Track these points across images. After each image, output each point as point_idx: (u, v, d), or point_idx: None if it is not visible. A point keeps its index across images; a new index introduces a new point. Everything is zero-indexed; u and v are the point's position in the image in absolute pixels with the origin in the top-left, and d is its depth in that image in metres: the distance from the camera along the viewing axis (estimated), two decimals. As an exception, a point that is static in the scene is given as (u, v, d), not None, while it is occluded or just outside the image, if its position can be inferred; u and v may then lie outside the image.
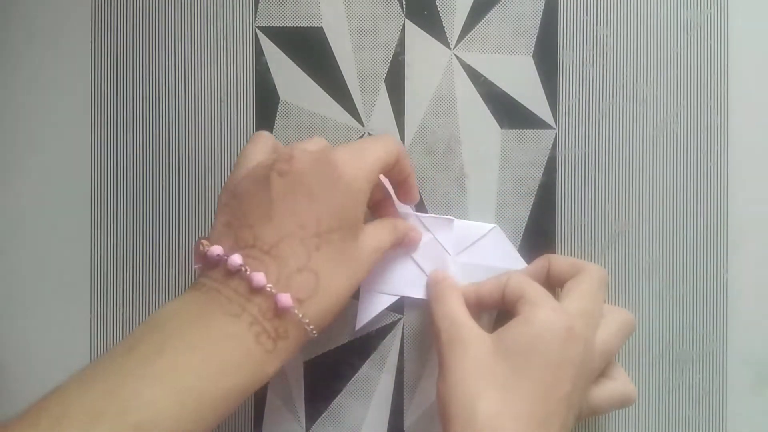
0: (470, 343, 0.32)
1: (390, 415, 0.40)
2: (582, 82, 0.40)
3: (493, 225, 0.39)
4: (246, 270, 0.28)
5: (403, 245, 0.37)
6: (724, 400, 0.40)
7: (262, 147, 0.33)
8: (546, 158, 0.40)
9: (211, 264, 0.29)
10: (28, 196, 0.40)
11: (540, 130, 0.40)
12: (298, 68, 0.40)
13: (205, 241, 0.30)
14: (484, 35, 0.40)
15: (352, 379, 0.40)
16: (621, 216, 0.40)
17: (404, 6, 0.40)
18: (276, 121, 0.40)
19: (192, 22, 0.40)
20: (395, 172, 0.34)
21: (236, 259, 0.28)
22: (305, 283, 0.29)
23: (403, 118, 0.40)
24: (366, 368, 0.40)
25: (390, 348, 0.40)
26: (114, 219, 0.40)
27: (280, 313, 0.28)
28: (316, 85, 0.40)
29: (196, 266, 0.30)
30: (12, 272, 0.40)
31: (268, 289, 0.28)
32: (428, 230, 0.39)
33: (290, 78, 0.40)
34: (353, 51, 0.40)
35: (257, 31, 0.40)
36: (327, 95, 0.40)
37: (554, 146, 0.40)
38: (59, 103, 0.40)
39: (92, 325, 0.40)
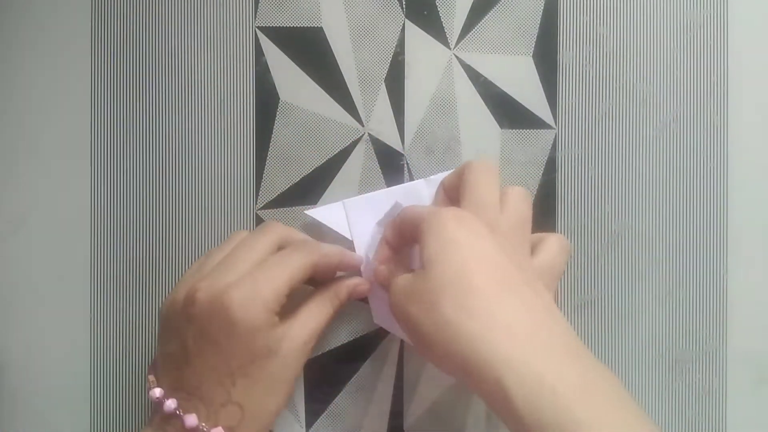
0: (395, 290, 0.32)
1: (390, 415, 0.40)
2: (582, 82, 0.40)
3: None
4: (179, 413, 0.32)
5: (351, 300, 0.37)
6: (724, 400, 0.40)
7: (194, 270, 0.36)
8: (546, 158, 0.40)
9: (155, 403, 0.33)
10: (28, 196, 0.40)
11: (540, 130, 0.40)
12: (298, 68, 0.40)
13: (151, 378, 0.34)
14: (484, 35, 0.40)
15: (352, 379, 0.40)
16: (621, 216, 0.40)
17: (404, 6, 0.40)
18: (276, 121, 0.40)
19: (192, 22, 0.40)
20: (321, 273, 0.36)
21: (170, 404, 0.32)
22: (231, 415, 0.32)
23: (403, 118, 0.40)
24: (366, 368, 0.40)
25: (390, 348, 0.40)
26: (114, 219, 0.40)
27: None
28: (316, 85, 0.40)
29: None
30: (12, 271, 0.40)
31: (201, 428, 0.32)
32: (404, 202, 0.37)
33: (290, 78, 0.40)
34: (353, 51, 0.40)
35: (257, 31, 0.40)
36: (327, 95, 0.40)
37: (554, 146, 0.40)
38: (59, 103, 0.40)
39: (92, 325, 0.40)
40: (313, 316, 0.35)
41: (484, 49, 0.40)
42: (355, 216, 0.39)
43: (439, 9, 0.40)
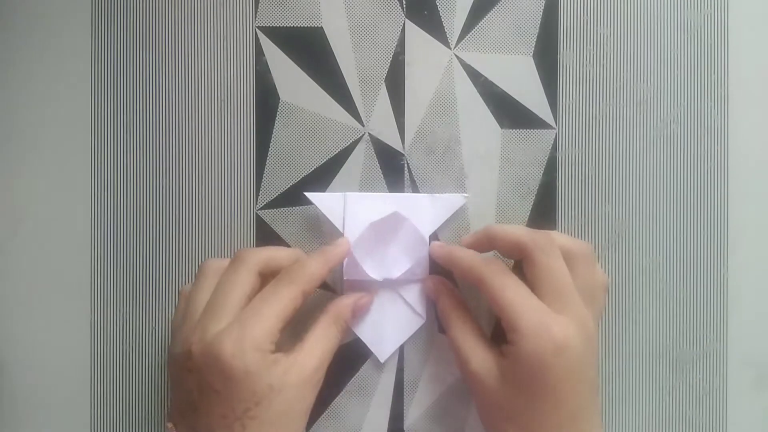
0: (479, 379, 0.34)
1: (390, 415, 0.40)
2: (582, 82, 0.40)
3: (465, 195, 0.39)
4: None
5: (356, 316, 0.38)
6: (724, 400, 0.40)
7: (182, 305, 0.36)
8: (546, 158, 0.40)
9: None
10: (28, 196, 0.40)
11: (540, 130, 0.40)
12: (298, 68, 0.40)
13: (170, 425, 0.34)
14: (484, 35, 0.40)
15: (352, 379, 0.40)
16: (621, 216, 0.40)
17: (404, 6, 0.40)
18: (276, 121, 0.40)
19: (192, 22, 0.40)
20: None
21: None
22: None
23: (403, 118, 0.40)
24: (366, 368, 0.40)
25: (390, 348, 0.40)
26: (114, 219, 0.40)
27: None
28: (316, 85, 0.40)
29: None
30: (12, 272, 0.40)
31: None
32: (405, 212, 0.38)
33: (290, 78, 0.40)
34: (353, 51, 0.40)
35: (257, 31, 0.40)
36: (327, 95, 0.40)
37: (554, 146, 0.40)
38: (59, 103, 0.40)
39: (92, 325, 0.40)
40: (320, 343, 0.35)
41: (485, 49, 0.40)
42: (352, 210, 0.39)
43: (439, 9, 0.40)
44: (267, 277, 0.36)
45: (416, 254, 0.38)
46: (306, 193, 0.39)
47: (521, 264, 0.35)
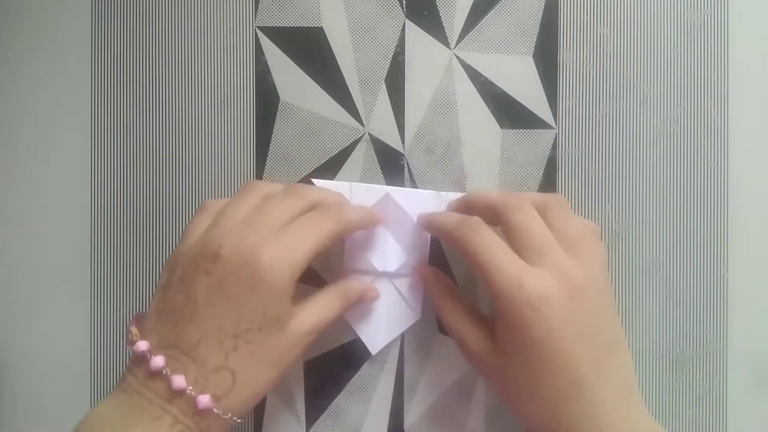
0: (480, 357, 0.33)
1: (390, 415, 0.40)
2: (582, 82, 0.40)
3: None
4: (167, 372, 0.30)
5: (360, 304, 0.37)
6: (724, 400, 0.40)
7: (206, 220, 0.34)
8: (546, 158, 0.40)
9: (137, 357, 0.31)
10: (28, 196, 0.40)
11: (540, 130, 0.40)
12: (298, 68, 0.40)
13: (134, 330, 0.32)
14: (484, 35, 0.40)
15: (352, 379, 0.40)
16: (621, 216, 0.40)
17: (404, 6, 0.40)
18: (276, 121, 0.40)
19: (192, 22, 0.40)
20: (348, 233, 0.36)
21: (158, 361, 0.30)
22: (222, 381, 0.31)
23: (403, 118, 0.40)
24: (366, 368, 0.40)
25: (390, 348, 0.40)
26: (114, 219, 0.40)
27: (199, 412, 0.30)
28: (316, 85, 0.40)
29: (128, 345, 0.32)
30: (12, 272, 0.40)
31: (188, 391, 0.30)
32: (408, 207, 0.38)
33: (290, 78, 0.40)
34: (353, 51, 0.40)
35: (257, 31, 0.40)
36: (327, 95, 0.40)
37: (554, 146, 0.40)
38: (59, 104, 0.40)
39: (92, 325, 0.40)
40: (320, 308, 0.34)
41: (485, 49, 0.40)
42: (357, 201, 0.39)
43: (439, 9, 0.40)
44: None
45: (415, 248, 0.38)
46: (313, 180, 0.39)
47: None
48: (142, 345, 0.31)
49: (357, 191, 0.39)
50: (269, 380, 0.32)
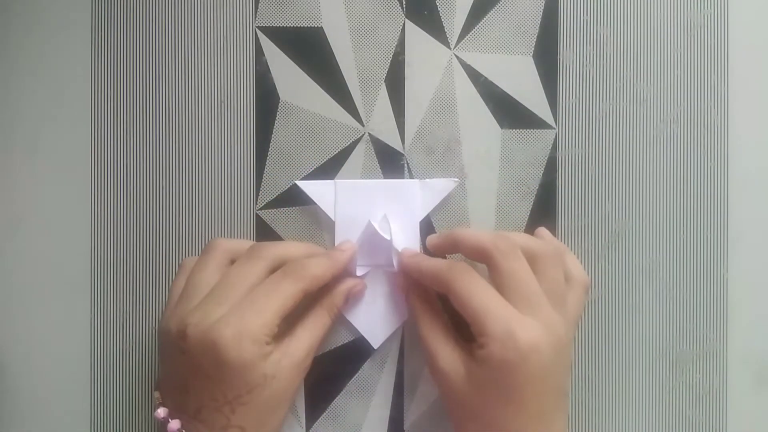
0: (447, 377, 0.34)
1: (390, 415, 0.40)
2: (582, 82, 0.40)
3: (456, 179, 0.39)
4: None
5: (352, 301, 0.38)
6: (724, 400, 0.40)
7: (183, 282, 0.36)
8: (546, 158, 0.40)
9: (159, 422, 0.34)
10: (28, 196, 0.40)
11: (540, 130, 0.40)
12: (298, 68, 0.40)
13: (157, 395, 0.34)
14: (484, 35, 0.40)
15: (352, 379, 0.40)
16: (621, 216, 0.40)
17: (404, 6, 0.40)
18: (276, 121, 0.40)
19: (192, 22, 0.40)
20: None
21: (174, 425, 0.33)
22: None
23: (403, 118, 0.40)
24: (366, 368, 0.40)
25: (390, 348, 0.40)
26: (114, 219, 0.40)
27: None
28: (316, 85, 0.40)
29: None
30: (12, 272, 0.40)
31: None
32: (395, 198, 0.39)
33: (290, 78, 0.40)
34: (353, 51, 0.40)
35: (257, 31, 0.40)
36: (327, 95, 0.40)
37: (554, 146, 0.40)
38: (59, 103, 0.40)
39: (92, 325, 0.40)
40: (309, 330, 0.36)
41: (485, 49, 0.40)
42: (343, 198, 0.39)
43: (439, 9, 0.40)
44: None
45: (408, 238, 0.38)
46: (297, 182, 0.39)
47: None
48: (161, 412, 0.33)
49: (342, 188, 0.39)
50: (280, 418, 0.35)
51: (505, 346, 0.31)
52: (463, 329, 0.34)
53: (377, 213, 0.39)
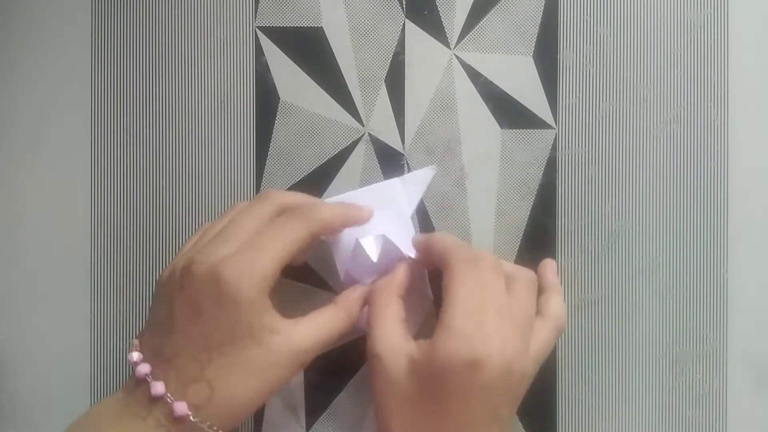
0: (382, 363, 0.32)
1: (390, 415, 0.40)
2: (582, 82, 0.40)
3: (433, 167, 0.39)
4: (149, 379, 0.32)
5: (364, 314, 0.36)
6: (724, 400, 0.40)
7: (197, 238, 0.36)
8: (546, 158, 0.40)
9: (132, 365, 0.33)
10: (28, 196, 0.40)
11: (540, 130, 0.40)
12: (298, 68, 0.40)
13: (135, 342, 0.34)
14: (484, 35, 0.40)
15: (352, 379, 0.40)
16: (621, 216, 0.40)
17: (404, 6, 0.40)
18: (276, 121, 0.40)
19: (192, 22, 0.40)
20: (328, 233, 0.36)
21: (142, 369, 0.32)
22: (199, 392, 0.31)
23: (403, 118, 0.40)
24: (366, 368, 0.40)
25: (390, 348, 0.40)
26: (114, 219, 0.40)
27: (177, 419, 0.31)
28: (316, 85, 0.40)
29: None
30: (12, 272, 0.40)
31: (167, 398, 0.31)
32: (381, 201, 0.38)
33: (290, 78, 0.40)
34: (353, 51, 0.40)
35: (257, 31, 0.40)
36: (327, 95, 0.40)
37: (554, 146, 0.40)
38: (59, 103, 0.40)
39: (92, 325, 0.40)
40: (317, 328, 0.33)
41: (485, 49, 0.40)
42: None
43: (439, 9, 0.40)
44: None
45: (403, 237, 0.37)
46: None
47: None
48: (134, 355, 0.33)
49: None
50: (253, 395, 0.32)
51: (459, 348, 0.30)
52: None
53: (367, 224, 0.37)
